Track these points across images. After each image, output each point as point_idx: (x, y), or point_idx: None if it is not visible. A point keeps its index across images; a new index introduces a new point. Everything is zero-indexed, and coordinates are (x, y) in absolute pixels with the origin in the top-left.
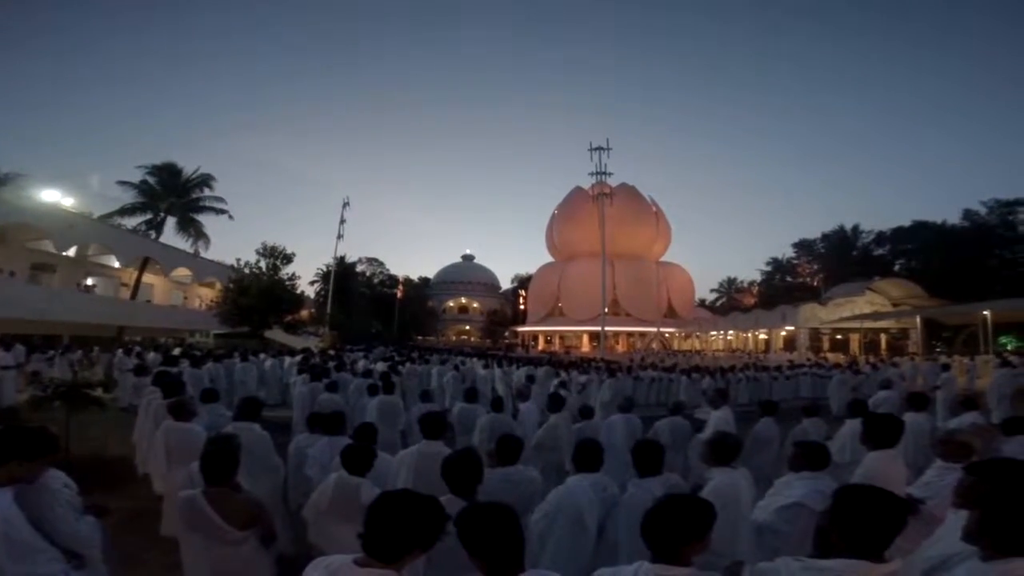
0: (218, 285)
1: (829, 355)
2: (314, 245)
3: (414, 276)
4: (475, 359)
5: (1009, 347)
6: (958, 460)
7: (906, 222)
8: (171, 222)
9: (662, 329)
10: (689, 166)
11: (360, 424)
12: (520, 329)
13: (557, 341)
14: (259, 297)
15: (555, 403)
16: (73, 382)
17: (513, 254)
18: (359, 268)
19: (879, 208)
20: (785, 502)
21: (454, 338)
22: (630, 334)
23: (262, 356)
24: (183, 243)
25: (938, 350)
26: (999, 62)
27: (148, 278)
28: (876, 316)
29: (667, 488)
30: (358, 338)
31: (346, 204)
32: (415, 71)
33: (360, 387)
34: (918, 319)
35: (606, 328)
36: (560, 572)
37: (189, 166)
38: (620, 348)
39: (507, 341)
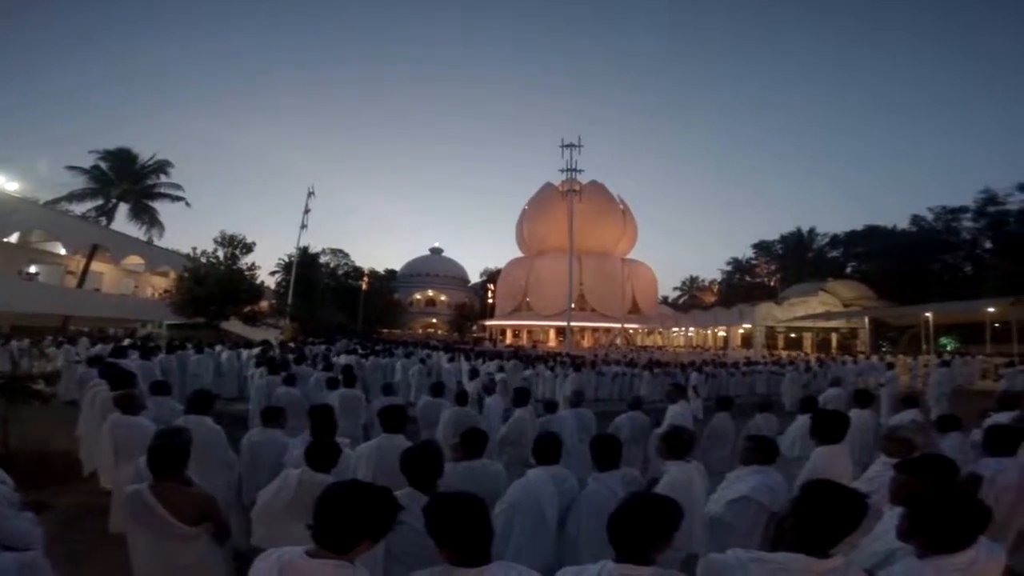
0: (172, 274)
1: (783, 352)
2: (277, 235)
3: (380, 268)
4: (441, 352)
5: (948, 348)
6: (900, 456)
7: (859, 226)
8: (124, 209)
9: (626, 325)
10: (656, 165)
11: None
12: (488, 323)
13: (525, 335)
14: (216, 287)
15: (520, 397)
16: (12, 374)
17: (483, 248)
18: (323, 259)
19: (839, 211)
20: (734, 495)
21: (420, 331)
22: (595, 329)
23: (218, 348)
24: (136, 231)
25: (884, 349)
26: (951, 76)
27: (97, 266)
28: (828, 316)
29: (625, 482)
30: (321, 330)
31: (311, 193)
32: (386, 61)
33: (320, 380)
34: (866, 320)
35: (572, 323)
36: (523, 563)
37: (146, 152)
38: (586, 343)
39: (475, 335)
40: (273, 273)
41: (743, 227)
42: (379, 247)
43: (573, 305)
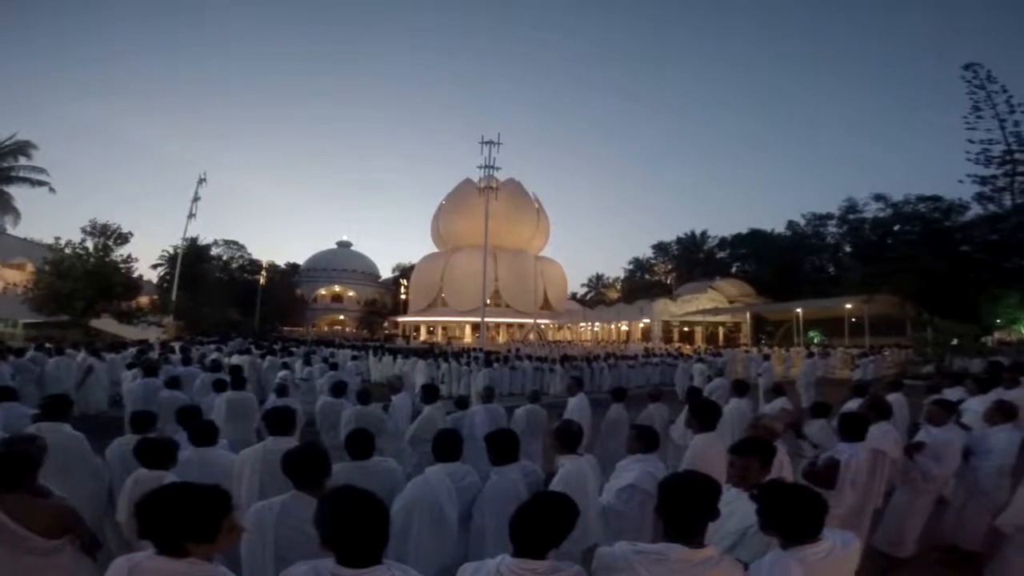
0: (30, 267)
1: (675, 345)
2: (163, 226)
3: (281, 262)
4: (347, 350)
5: (816, 340)
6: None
7: (744, 229)
8: None
9: (538, 320)
10: (564, 164)
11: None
12: (401, 319)
13: (440, 331)
14: (84, 281)
15: (428, 394)
16: None
17: (395, 243)
18: (215, 251)
19: (728, 215)
20: (621, 484)
21: (326, 328)
22: (510, 325)
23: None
24: None
25: (763, 342)
26: (837, 87)
27: None
28: (715, 311)
29: (525, 474)
30: (212, 328)
31: (202, 180)
32: (290, 43)
33: (206, 383)
34: (748, 315)
35: (487, 319)
36: (425, 563)
37: (3, 131)
38: (501, 339)
39: (387, 331)
40: (156, 266)
41: (644, 229)
42: (280, 240)
43: (488, 301)
